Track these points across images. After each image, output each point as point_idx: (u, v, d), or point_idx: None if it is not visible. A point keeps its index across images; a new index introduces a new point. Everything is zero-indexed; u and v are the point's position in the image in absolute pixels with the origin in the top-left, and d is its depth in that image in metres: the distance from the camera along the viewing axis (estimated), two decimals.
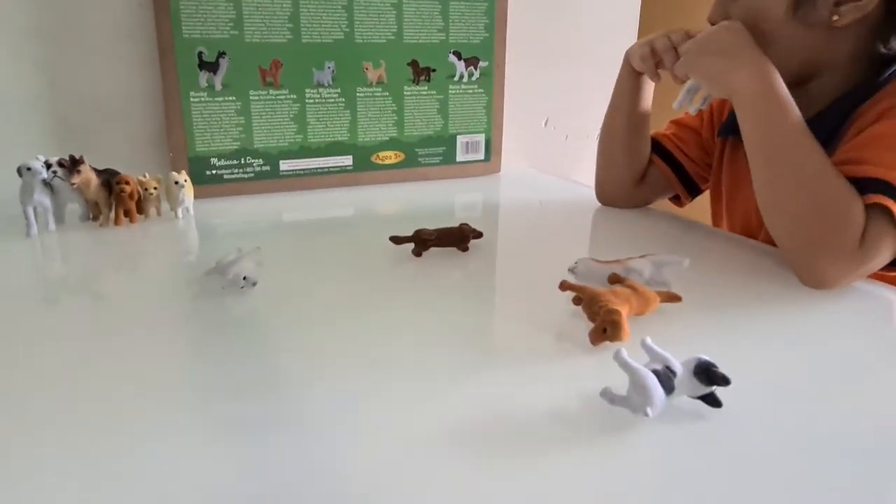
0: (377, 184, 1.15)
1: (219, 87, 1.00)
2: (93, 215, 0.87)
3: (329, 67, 1.06)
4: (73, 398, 0.45)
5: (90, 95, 0.98)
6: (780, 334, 0.57)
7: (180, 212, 0.89)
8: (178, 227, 0.88)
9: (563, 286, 0.57)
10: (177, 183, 0.88)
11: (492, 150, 1.24)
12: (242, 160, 1.05)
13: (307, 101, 1.07)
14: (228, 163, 1.04)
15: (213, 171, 1.03)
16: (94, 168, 0.84)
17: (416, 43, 1.12)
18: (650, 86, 0.91)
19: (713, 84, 0.74)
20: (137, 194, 0.86)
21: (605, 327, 0.50)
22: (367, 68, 1.09)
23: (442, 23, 1.13)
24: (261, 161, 1.06)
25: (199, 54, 0.98)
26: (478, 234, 0.75)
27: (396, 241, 0.73)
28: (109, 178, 0.85)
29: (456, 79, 1.17)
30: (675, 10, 1.55)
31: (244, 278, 0.61)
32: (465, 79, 1.18)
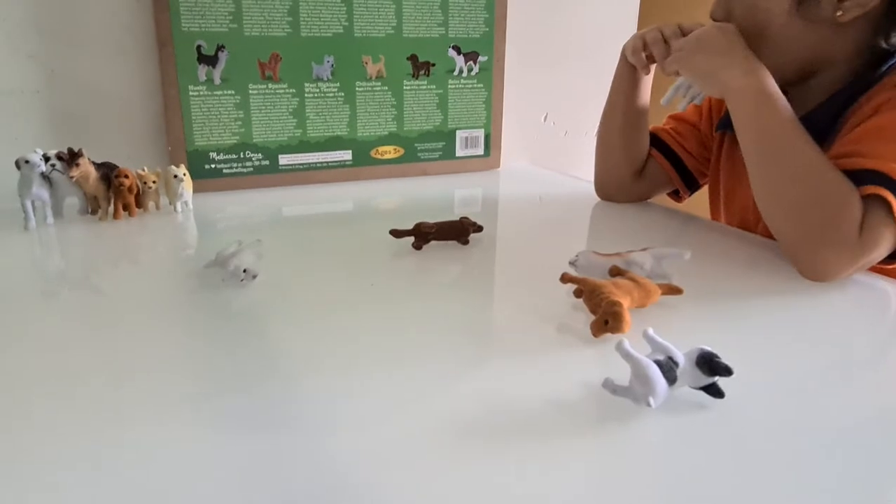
0: (376, 179, 1.15)
1: (218, 80, 1.00)
2: (91, 209, 0.87)
3: (328, 61, 1.06)
4: (72, 391, 0.45)
5: (89, 89, 0.98)
6: (780, 326, 0.57)
7: (179, 206, 0.89)
8: (176, 221, 0.87)
9: (564, 278, 0.57)
10: (176, 177, 0.87)
11: (491, 145, 1.24)
12: (241, 154, 1.05)
13: (306, 95, 1.06)
14: (227, 157, 1.04)
15: (212, 166, 1.03)
16: (92, 161, 0.84)
17: (416, 37, 1.12)
18: (647, 80, 0.91)
19: (705, 82, 0.74)
20: (136, 188, 0.86)
21: (607, 319, 0.50)
22: (366, 62, 1.09)
23: (442, 17, 1.13)
24: (260, 155, 1.06)
25: (198, 48, 0.98)
26: (478, 228, 0.75)
27: (397, 234, 0.73)
28: (108, 172, 0.84)
29: (455, 73, 1.17)
30: (674, 6, 1.55)
31: (244, 271, 0.61)
32: (465, 73, 1.18)
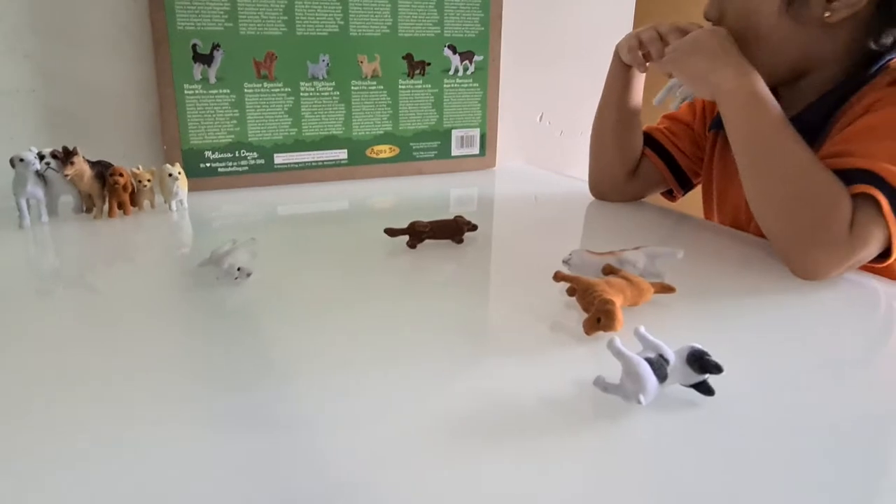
0: (372, 178, 1.15)
1: (213, 79, 1.00)
2: (86, 207, 0.87)
3: (324, 60, 1.06)
4: (66, 389, 0.45)
5: (84, 87, 0.98)
6: (772, 324, 0.57)
7: (174, 204, 0.89)
8: (171, 220, 0.87)
9: (558, 277, 0.57)
10: (171, 175, 0.87)
11: (487, 144, 1.24)
12: (237, 153, 1.05)
13: (302, 94, 1.06)
14: (222, 156, 1.04)
15: (208, 164, 1.03)
16: (87, 160, 0.84)
17: (412, 36, 1.12)
18: (640, 80, 0.91)
19: (697, 84, 0.75)
20: (131, 186, 0.86)
21: (599, 317, 0.50)
22: (361, 62, 1.09)
23: (437, 16, 1.13)
24: (255, 154, 1.06)
25: (194, 46, 0.98)
26: (472, 227, 0.76)
27: (391, 233, 0.73)
28: (103, 170, 0.84)
29: (451, 73, 1.17)
30: (669, 5, 1.56)
31: (238, 269, 0.61)
32: (461, 73, 1.18)
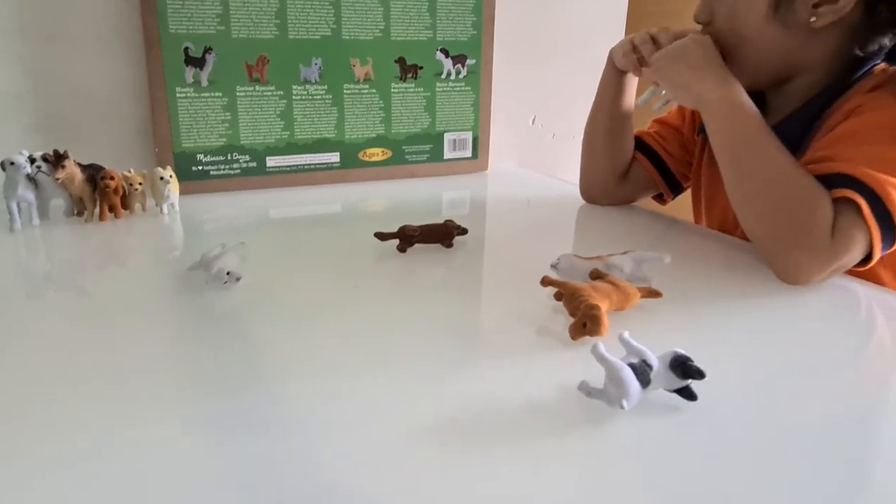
0: (364, 181, 1.16)
1: (205, 82, 1.00)
2: (77, 210, 0.87)
3: (316, 64, 1.06)
4: (56, 392, 0.45)
5: (76, 90, 0.98)
6: (756, 328, 0.57)
7: (165, 207, 0.89)
8: (163, 223, 0.87)
9: (545, 282, 0.58)
10: (162, 178, 0.87)
11: (479, 147, 1.25)
12: (229, 156, 1.05)
13: (294, 97, 1.07)
14: (214, 159, 1.04)
15: (199, 168, 1.03)
16: (78, 163, 0.84)
17: (404, 40, 1.12)
18: (633, 85, 0.92)
19: (680, 92, 0.76)
20: (122, 190, 0.86)
21: (585, 322, 0.50)
22: (354, 65, 1.10)
23: (429, 20, 1.13)
24: (247, 157, 1.06)
25: (186, 50, 0.98)
26: (462, 231, 0.76)
27: (381, 237, 0.74)
28: (94, 174, 0.85)
29: (443, 76, 1.18)
30: (662, 9, 1.56)
31: (228, 273, 0.61)
32: (453, 76, 1.18)
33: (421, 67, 1.15)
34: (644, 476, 0.37)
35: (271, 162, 1.08)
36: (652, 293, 0.59)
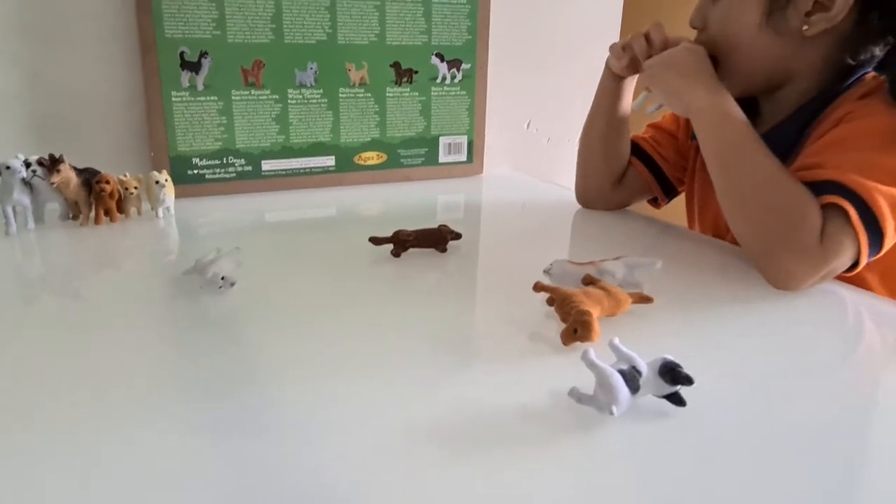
0: (359, 184, 1.16)
1: (200, 86, 1.00)
2: (72, 214, 0.87)
3: (311, 68, 1.07)
4: (49, 396, 0.45)
5: (71, 94, 0.98)
6: (746, 334, 0.58)
7: (161, 211, 0.89)
8: (158, 227, 0.88)
9: (537, 287, 0.58)
10: (157, 182, 0.88)
11: (474, 151, 1.25)
12: (224, 160, 1.05)
13: (289, 101, 1.07)
14: (210, 163, 1.04)
15: (195, 171, 1.03)
16: (74, 167, 0.84)
17: (399, 45, 1.13)
18: (630, 90, 0.93)
19: (671, 99, 0.77)
20: (118, 193, 0.86)
21: (576, 328, 0.51)
22: (349, 69, 1.10)
23: (425, 25, 1.14)
24: (243, 161, 1.06)
25: (181, 54, 0.98)
26: (456, 236, 0.76)
27: (376, 241, 0.74)
28: (90, 178, 0.85)
29: (438, 81, 1.18)
30: (656, 15, 1.57)
31: (222, 278, 0.61)
32: (448, 81, 1.19)
33: (416, 72, 1.15)
34: (633, 481, 0.38)
35: (267, 165, 1.08)
36: (643, 299, 0.59)
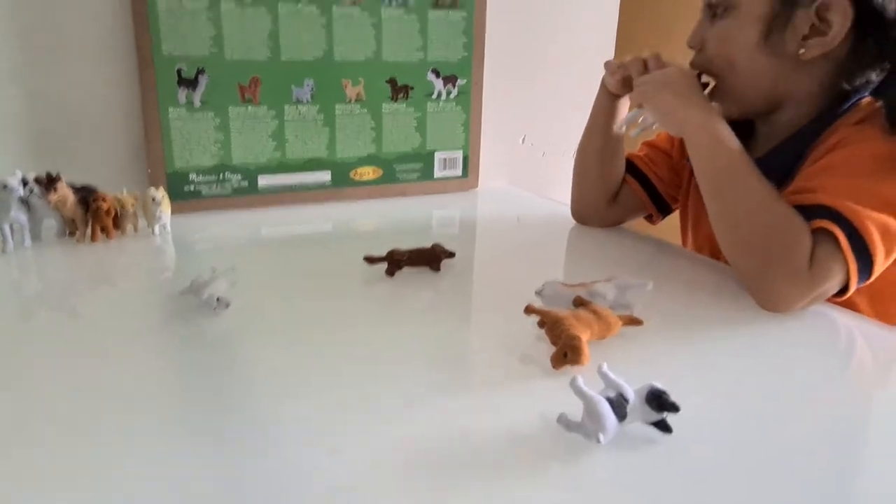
0: (355, 199, 1.17)
1: (198, 103, 1.01)
2: (69, 231, 0.88)
3: (308, 85, 1.08)
4: (45, 412, 0.46)
5: (70, 110, 0.99)
6: (737, 356, 0.59)
7: (157, 228, 0.90)
8: (154, 244, 0.88)
9: (528, 310, 0.59)
10: (154, 200, 0.88)
11: (469, 166, 1.26)
12: (221, 176, 1.06)
13: (286, 117, 1.08)
14: (206, 178, 1.05)
15: (192, 187, 1.04)
16: (71, 185, 0.85)
17: (395, 61, 1.14)
18: (624, 109, 0.93)
19: (666, 118, 0.78)
20: (114, 211, 0.87)
21: (566, 352, 0.52)
22: (346, 86, 1.11)
23: (421, 42, 1.15)
24: (239, 176, 1.07)
25: (179, 71, 0.99)
26: (450, 255, 0.77)
27: (370, 261, 0.75)
28: (86, 196, 0.85)
29: (434, 96, 1.19)
30: (651, 31, 1.59)
31: (217, 300, 0.62)
32: (444, 96, 1.20)
33: (412, 88, 1.16)
34: None
35: (263, 181, 1.09)
36: (633, 321, 0.60)
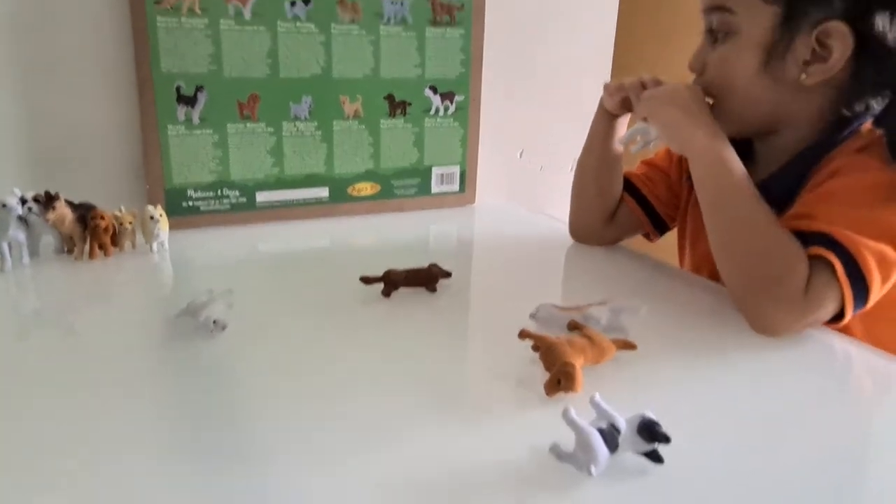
0: (353, 215, 1.17)
1: (196, 120, 1.02)
2: (67, 248, 0.88)
3: (306, 101, 1.08)
4: (41, 430, 0.46)
5: (69, 128, 0.99)
6: (729, 383, 0.59)
7: (155, 245, 0.90)
8: (152, 261, 0.89)
9: (522, 335, 0.59)
10: (152, 217, 0.89)
11: (466, 181, 1.27)
12: (219, 192, 1.06)
13: (284, 134, 1.08)
14: (205, 194, 1.05)
15: (190, 203, 1.05)
16: (69, 202, 0.85)
17: (393, 78, 1.14)
18: (623, 128, 0.94)
19: (670, 134, 0.77)
20: (112, 228, 0.87)
21: (560, 378, 0.52)
22: (343, 102, 1.11)
23: (418, 58, 1.15)
24: (237, 193, 1.08)
25: (178, 88, 0.99)
26: (446, 275, 0.77)
27: (367, 281, 0.75)
28: (85, 213, 0.86)
29: (432, 112, 1.20)
30: (648, 48, 1.60)
31: (214, 322, 0.62)
32: (441, 112, 1.20)
33: (409, 104, 1.17)
34: None
35: (261, 197, 1.10)
36: (627, 345, 0.60)
